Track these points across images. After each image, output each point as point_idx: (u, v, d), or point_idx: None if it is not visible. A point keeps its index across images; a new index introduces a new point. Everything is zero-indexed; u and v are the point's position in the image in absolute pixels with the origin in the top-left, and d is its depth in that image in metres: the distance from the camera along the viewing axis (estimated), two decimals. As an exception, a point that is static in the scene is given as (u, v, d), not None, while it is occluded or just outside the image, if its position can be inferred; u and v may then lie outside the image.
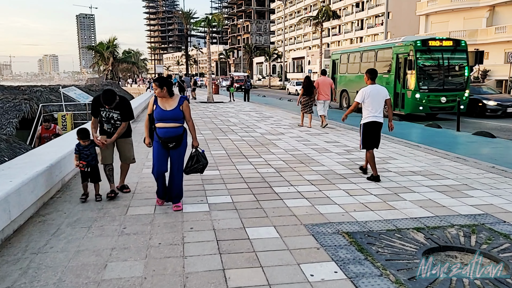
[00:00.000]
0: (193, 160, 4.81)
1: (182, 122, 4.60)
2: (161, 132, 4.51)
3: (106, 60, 33.21)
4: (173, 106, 4.50)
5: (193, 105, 21.76)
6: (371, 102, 6.10)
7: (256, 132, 11.24)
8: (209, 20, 23.61)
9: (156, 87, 4.48)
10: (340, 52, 21.63)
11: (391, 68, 15.98)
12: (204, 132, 11.33)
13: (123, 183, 5.48)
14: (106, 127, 5.17)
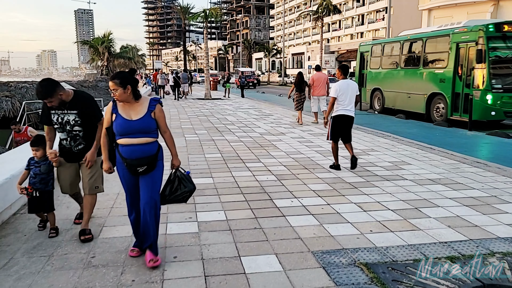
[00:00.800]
0: (173, 185, 3.48)
1: (155, 135, 3.31)
2: (125, 152, 3.16)
3: (101, 56, 32.34)
4: (141, 113, 3.18)
5: (189, 102, 20.99)
6: (342, 96, 6.33)
7: (255, 132, 10.48)
8: (206, 14, 22.77)
9: (116, 86, 3.08)
10: (371, 43, 17.98)
11: (448, 61, 12.37)
12: (199, 132, 10.57)
13: (86, 226, 3.77)
14: (61, 138, 3.74)
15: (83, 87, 19.80)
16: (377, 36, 60.56)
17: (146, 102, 3.26)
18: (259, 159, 7.23)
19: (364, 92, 17.25)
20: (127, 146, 3.15)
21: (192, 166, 6.61)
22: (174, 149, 3.59)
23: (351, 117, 6.38)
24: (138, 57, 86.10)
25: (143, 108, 3.21)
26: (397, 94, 15.20)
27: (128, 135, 3.14)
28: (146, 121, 3.19)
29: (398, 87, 15.14)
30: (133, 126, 3.14)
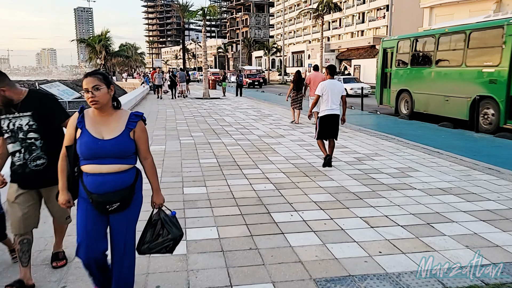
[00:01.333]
0: (155, 230, 2.59)
1: (132, 161, 2.50)
2: (92, 183, 2.37)
3: (98, 54, 31.88)
4: (116, 131, 2.41)
5: (187, 102, 20.56)
6: (328, 96, 6.54)
7: (253, 134, 10.05)
8: (204, 12, 22.31)
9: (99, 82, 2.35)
10: (398, 38, 15.50)
11: (501, 58, 10.36)
12: (195, 134, 10.13)
13: (59, 248, 3.30)
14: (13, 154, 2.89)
15: (78, 86, 19.32)
16: (377, 34, 60.09)
17: (124, 117, 2.46)
18: (257, 165, 6.80)
19: (387, 94, 15.54)
20: (95, 175, 2.35)
21: (185, 173, 6.19)
22: (156, 182, 2.68)
23: (336, 115, 6.65)
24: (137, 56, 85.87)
25: (120, 124, 2.42)
26: (431, 97, 13.00)
27: (97, 160, 2.34)
28: (123, 142, 2.38)
29: (432, 88, 12.95)
30: (105, 148, 2.34)
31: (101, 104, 2.38)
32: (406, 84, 14.52)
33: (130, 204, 2.49)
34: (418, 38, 14.23)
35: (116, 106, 2.49)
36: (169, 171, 6.34)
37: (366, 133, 10.31)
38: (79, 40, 32.14)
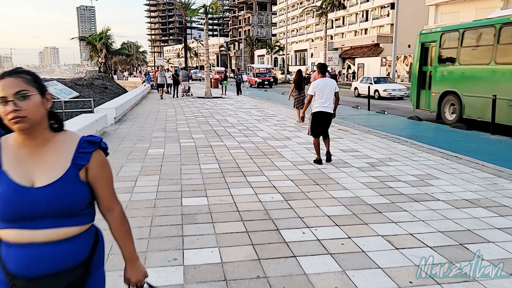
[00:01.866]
0: None
1: (86, 219, 1.47)
2: (17, 260, 1.37)
3: (99, 52, 31.42)
4: (55, 170, 1.41)
5: (188, 101, 20.05)
6: (320, 94, 6.63)
7: (257, 137, 9.53)
8: (206, 9, 21.80)
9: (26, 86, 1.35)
10: (441, 30, 12.95)
11: None
12: (196, 136, 9.62)
13: None
14: None
15: (77, 85, 18.85)
16: (381, 32, 59.47)
17: (70, 145, 1.45)
18: (262, 171, 6.28)
19: (426, 96, 13.30)
20: (22, 247, 1.37)
21: (185, 181, 5.67)
22: (130, 247, 1.61)
23: (328, 113, 6.70)
24: (139, 54, 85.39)
25: (62, 158, 1.43)
26: (488, 101, 10.35)
27: (25, 223, 1.36)
28: (67, 189, 1.39)
29: (490, 90, 10.46)
30: (37, 201, 1.36)
31: (31, 123, 1.35)
32: (452, 85, 12.10)
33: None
34: (469, 30, 11.80)
35: (57, 127, 1.47)
36: (167, 178, 5.83)
37: (377, 135, 9.77)
38: (79, 38, 31.74)
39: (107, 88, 23.11)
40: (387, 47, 56.02)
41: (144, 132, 10.24)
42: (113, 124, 11.44)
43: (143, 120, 12.69)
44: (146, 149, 7.92)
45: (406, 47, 55.49)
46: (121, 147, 8.16)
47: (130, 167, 6.44)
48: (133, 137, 9.38)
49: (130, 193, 5.12)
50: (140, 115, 13.93)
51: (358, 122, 12.59)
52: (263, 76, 39.70)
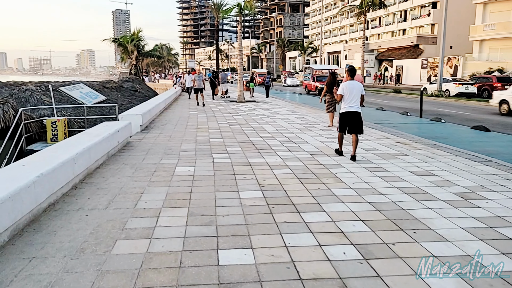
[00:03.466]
0: None
1: None
2: None
3: (130, 54, 30.79)
4: None
5: (220, 105, 18.80)
6: (348, 95, 7.18)
7: (303, 151, 8.08)
8: (240, 8, 20.54)
9: None
10: None
11: None
12: (231, 149, 8.27)
13: None
14: None
15: (105, 88, 17.99)
16: (421, 33, 56.58)
17: None
18: (320, 203, 4.83)
19: None
20: None
21: (221, 219, 4.30)
22: None
23: (356, 112, 7.21)
24: (171, 56, 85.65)
25: None
26: None
27: None
28: None
29: None
30: None
31: None
32: None
33: None
34: None
35: None
36: (198, 213, 4.48)
37: (447, 150, 8.09)
38: (111, 39, 31.31)
39: (137, 91, 22.24)
40: (428, 48, 53.17)
41: (172, 143, 9.00)
42: (139, 133, 10.29)
43: (171, 127, 11.49)
44: (173, 167, 6.63)
45: (447, 49, 52.47)
46: (144, 163, 6.91)
47: (152, 194, 5.15)
48: (160, 150, 8.13)
49: (149, 239, 3.79)
50: (169, 122, 12.76)
51: (416, 132, 10.92)
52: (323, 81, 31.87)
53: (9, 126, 8.76)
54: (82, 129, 10.20)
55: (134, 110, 11.28)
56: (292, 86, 49.14)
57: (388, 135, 10.12)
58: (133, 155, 7.62)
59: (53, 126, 9.57)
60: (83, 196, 5.04)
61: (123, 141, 8.33)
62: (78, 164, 5.48)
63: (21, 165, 4.63)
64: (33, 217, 4.21)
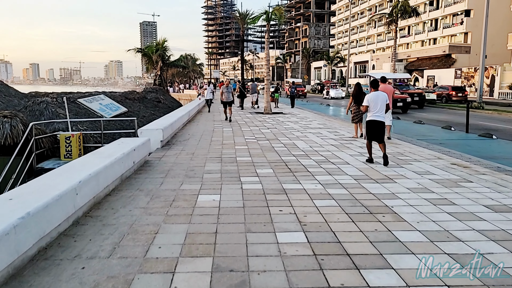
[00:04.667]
0: None
1: None
2: None
3: (155, 64, 30.40)
4: None
5: (246, 118, 17.83)
6: (372, 105, 7.65)
7: (345, 174, 6.95)
8: (268, 16, 19.65)
9: None
10: None
11: None
12: (262, 171, 7.21)
13: None
14: None
15: (127, 100, 17.32)
16: (453, 42, 54.43)
17: None
18: (383, 255, 3.69)
19: None
20: None
21: (255, 277, 3.25)
22: None
23: (380, 121, 7.62)
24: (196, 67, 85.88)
25: None
26: None
27: None
28: None
29: None
30: None
31: None
32: None
33: None
34: None
35: None
36: (226, 268, 3.43)
37: None
38: (136, 49, 31.07)
39: (160, 102, 21.56)
40: (461, 58, 50.98)
41: (195, 162, 8.03)
42: (159, 150, 9.39)
43: (195, 143, 10.57)
44: (195, 195, 5.63)
45: (482, 58, 50.16)
46: (162, 189, 5.94)
47: (168, 235, 4.14)
48: (181, 171, 7.17)
49: (159, 312, 2.76)
50: (192, 136, 11.86)
51: (469, 151, 9.63)
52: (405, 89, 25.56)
53: (18, 142, 8.04)
54: (99, 145, 9.40)
55: (155, 124, 10.41)
56: (337, 98, 42.92)
57: (439, 155, 8.86)
58: (151, 177, 6.68)
59: (67, 142, 8.79)
60: (83, 237, 4.09)
61: (140, 160, 7.42)
62: (82, 195, 4.55)
63: (7, 199, 3.72)
64: (13, 270, 3.27)
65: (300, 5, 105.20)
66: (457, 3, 54.14)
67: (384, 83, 10.76)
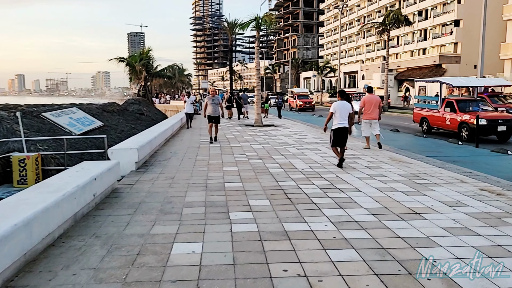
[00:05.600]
0: None
1: None
2: None
3: (139, 74, 28.92)
4: None
5: (236, 131, 16.47)
6: (338, 114, 8.40)
7: (359, 206, 5.60)
8: (258, 22, 18.44)
9: None
10: None
11: None
12: (256, 203, 5.83)
13: None
14: None
15: (105, 112, 15.71)
16: (443, 52, 54.12)
17: None
18: None
19: None
20: None
21: None
22: None
23: (345, 128, 8.45)
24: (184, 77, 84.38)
25: None
26: None
27: None
28: None
29: None
30: None
31: None
32: None
33: None
34: None
35: None
36: None
37: None
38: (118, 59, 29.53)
39: (143, 114, 20.05)
40: (451, 68, 50.55)
41: (175, 190, 6.62)
42: (133, 173, 7.95)
43: (176, 163, 9.14)
44: (169, 244, 4.22)
45: (471, 68, 49.82)
46: (126, 234, 4.52)
47: (120, 327, 2.73)
48: (155, 204, 5.76)
49: None
50: (175, 155, 10.44)
51: (491, 171, 8.41)
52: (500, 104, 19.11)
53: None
54: (62, 168, 7.91)
55: (130, 142, 8.96)
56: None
57: (460, 177, 7.60)
58: (115, 214, 5.24)
59: (21, 165, 7.32)
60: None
61: (105, 190, 5.99)
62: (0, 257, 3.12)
63: None
64: None
65: (289, 15, 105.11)
66: (447, 13, 54.00)
67: (370, 93, 11.42)
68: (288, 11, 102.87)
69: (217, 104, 13.04)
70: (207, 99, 13.24)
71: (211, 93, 13.56)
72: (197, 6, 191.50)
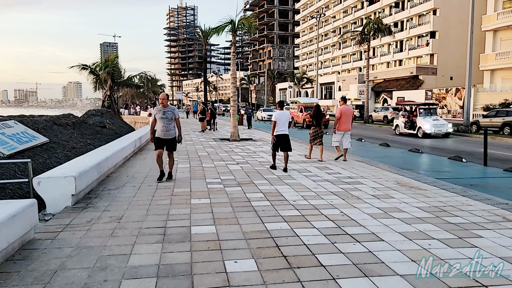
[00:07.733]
0: None
1: None
2: None
3: (103, 83, 26.54)
4: None
5: (209, 147, 14.43)
6: (280, 122, 9.15)
7: (393, 273, 3.72)
8: (234, 26, 16.62)
9: None
10: None
11: None
12: (236, 268, 3.84)
13: None
14: None
15: (56, 125, 13.30)
16: (419, 63, 53.96)
17: None
18: None
19: None
20: None
21: None
22: None
23: (286, 134, 9.23)
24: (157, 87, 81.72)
25: None
26: None
27: None
28: None
29: None
30: None
31: None
32: None
33: None
34: None
35: None
36: None
37: None
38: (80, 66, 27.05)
39: (105, 127, 17.75)
40: (428, 79, 50.28)
41: (118, 241, 4.57)
42: (67, 210, 5.82)
43: (131, 193, 7.05)
44: None
45: (447, 79, 49.69)
46: None
47: None
48: (80, 273, 3.69)
49: None
50: (132, 179, 8.34)
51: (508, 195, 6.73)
52: None
53: None
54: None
55: (66, 167, 6.81)
56: (437, 137, 21.05)
57: (500, 212, 5.88)
58: None
59: None
60: None
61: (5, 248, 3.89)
62: None
63: None
64: None
65: (264, 27, 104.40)
66: (422, 24, 53.99)
67: (345, 103, 11.43)
68: (263, 22, 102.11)
69: (170, 120, 8.05)
70: (155, 111, 8.13)
71: (161, 102, 8.09)
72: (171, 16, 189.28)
